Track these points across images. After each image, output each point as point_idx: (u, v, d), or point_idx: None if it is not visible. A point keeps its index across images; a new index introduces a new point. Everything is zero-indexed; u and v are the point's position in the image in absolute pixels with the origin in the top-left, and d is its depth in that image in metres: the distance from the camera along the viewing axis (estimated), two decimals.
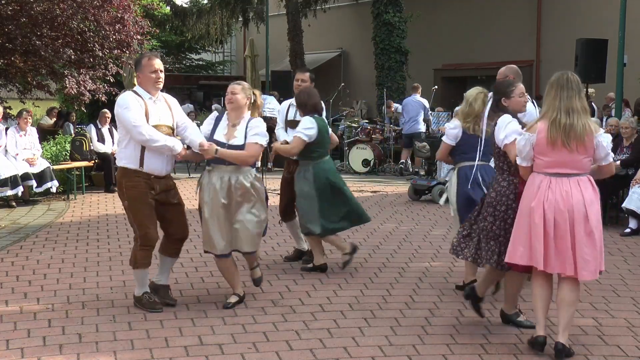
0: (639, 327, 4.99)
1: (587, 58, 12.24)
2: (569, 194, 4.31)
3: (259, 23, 24.66)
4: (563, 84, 4.37)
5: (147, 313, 5.14)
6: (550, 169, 4.37)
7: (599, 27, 17.10)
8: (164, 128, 5.15)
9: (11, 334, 4.73)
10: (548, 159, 4.36)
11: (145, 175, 5.11)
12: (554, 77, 4.44)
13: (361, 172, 14.92)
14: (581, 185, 4.34)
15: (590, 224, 4.31)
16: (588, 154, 4.35)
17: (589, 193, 4.35)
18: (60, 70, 12.92)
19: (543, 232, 4.33)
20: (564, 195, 4.31)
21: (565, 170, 4.35)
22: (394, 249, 7.46)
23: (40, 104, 16.40)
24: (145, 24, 13.84)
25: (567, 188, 4.32)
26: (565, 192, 4.31)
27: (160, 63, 5.22)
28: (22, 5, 11.86)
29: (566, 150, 4.30)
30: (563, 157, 4.32)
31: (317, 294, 5.76)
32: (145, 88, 5.18)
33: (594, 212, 4.34)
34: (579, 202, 4.30)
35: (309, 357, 4.41)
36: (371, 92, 21.52)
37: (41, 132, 12.13)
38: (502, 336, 4.79)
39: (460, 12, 22.55)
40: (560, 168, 4.35)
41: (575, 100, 4.33)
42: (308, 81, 6.79)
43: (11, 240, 7.79)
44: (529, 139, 4.38)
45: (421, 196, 11.10)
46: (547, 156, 4.36)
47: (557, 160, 4.34)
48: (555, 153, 4.32)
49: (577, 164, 4.35)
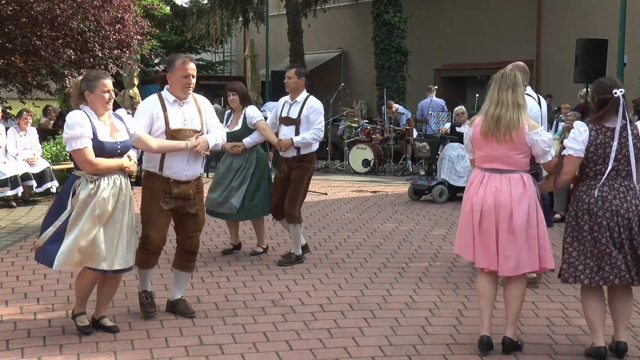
0: (639, 327, 4.99)
1: (587, 58, 12.23)
2: (498, 190, 4.39)
3: (259, 23, 24.64)
4: (498, 79, 4.49)
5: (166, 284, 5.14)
6: (485, 164, 4.49)
7: (599, 27, 17.10)
8: (188, 132, 4.99)
9: (11, 334, 4.73)
10: (482, 153, 4.48)
11: (164, 179, 5.00)
12: (495, 75, 4.56)
13: (361, 172, 14.92)
14: (512, 183, 4.40)
15: (514, 222, 4.36)
16: (520, 150, 4.40)
17: (518, 191, 4.38)
18: (61, 70, 12.92)
19: (471, 226, 4.47)
20: (493, 191, 4.40)
21: (498, 166, 4.43)
22: (394, 249, 7.46)
23: (40, 104, 16.40)
24: (145, 24, 13.82)
25: (498, 184, 4.40)
26: (495, 188, 4.40)
27: (194, 68, 5.03)
28: (22, 5, 11.85)
29: (495, 143, 4.38)
30: (494, 151, 4.41)
31: (317, 294, 5.76)
32: (172, 91, 5.04)
33: (520, 211, 4.37)
34: (507, 198, 4.37)
35: (309, 357, 4.41)
36: (371, 92, 21.50)
37: (41, 132, 12.11)
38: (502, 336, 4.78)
39: (460, 12, 22.54)
40: (493, 163, 4.44)
41: (507, 94, 4.41)
42: (294, 77, 6.75)
43: (11, 240, 7.79)
44: (468, 132, 4.60)
45: (421, 196, 11.10)
46: (481, 150, 4.49)
47: (490, 155, 4.44)
48: (487, 146, 4.43)
49: (508, 159, 4.41)
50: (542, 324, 5.05)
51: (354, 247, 7.51)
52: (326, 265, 6.75)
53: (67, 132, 4.53)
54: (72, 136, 4.50)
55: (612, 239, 4.25)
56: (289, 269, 6.58)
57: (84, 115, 4.57)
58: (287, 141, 6.70)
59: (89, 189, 4.54)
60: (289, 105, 6.82)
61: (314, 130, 6.69)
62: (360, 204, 10.66)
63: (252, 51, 21.02)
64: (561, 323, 5.11)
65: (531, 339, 4.75)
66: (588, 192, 4.34)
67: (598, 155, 4.30)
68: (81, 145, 4.50)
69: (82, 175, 4.59)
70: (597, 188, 4.31)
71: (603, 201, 4.27)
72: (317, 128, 6.72)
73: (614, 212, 4.25)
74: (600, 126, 4.32)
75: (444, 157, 11.29)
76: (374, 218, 9.40)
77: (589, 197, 4.32)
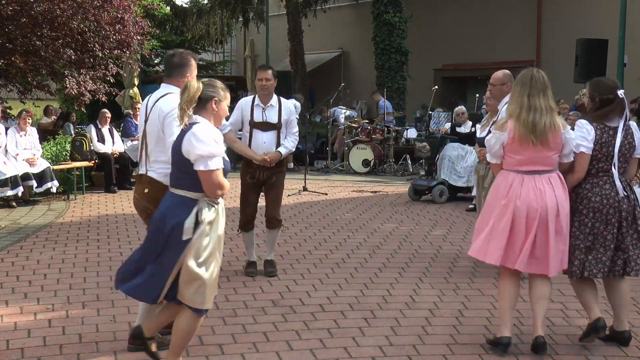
0: (639, 327, 4.99)
1: (587, 58, 12.23)
2: (542, 192, 4.35)
3: (259, 23, 24.64)
4: (527, 82, 4.40)
5: None
6: (523, 167, 4.41)
7: (599, 27, 17.11)
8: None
9: (11, 334, 4.73)
10: (520, 157, 4.40)
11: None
12: (520, 75, 4.47)
13: (361, 172, 14.92)
14: (552, 182, 4.39)
15: (560, 221, 4.37)
16: (556, 149, 4.40)
17: (560, 190, 4.40)
18: (61, 70, 12.91)
19: (509, 230, 4.36)
20: (538, 193, 4.35)
21: (537, 168, 4.39)
22: (394, 249, 7.46)
23: (41, 104, 16.38)
24: (145, 24, 13.83)
25: (540, 186, 4.36)
26: (539, 190, 4.35)
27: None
28: (22, 6, 11.85)
29: (533, 148, 4.35)
30: (531, 154, 4.36)
31: (317, 294, 5.76)
32: None
33: (565, 210, 4.39)
34: (552, 199, 4.35)
35: (309, 357, 4.41)
36: (371, 92, 21.51)
37: (41, 132, 12.12)
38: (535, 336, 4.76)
39: (460, 12, 22.55)
40: (531, 165, 4.39)
41: (539, 99, 4.36)
42: (272, 79, 6.22)
43: (11, 240, 7.79)
44: (500, 137, 4.43)
45: (421, 196, 11.10)
46: (518, 154, 4.40)
47: (529, 158, 4.38)
48: (524, 151, 4.37)
49: (546, 160, 4.39)
50: None
51: (354, 247, 7.51)
52: (326, 265, 6.75)
53: (202, 148, 3.79)
54: (211, 154, 3.80)
55: (612, 234, 4.41)
56: (289, 269, 6.58)
57: (217, 130, 3.97)
58: (276, 155, 6.16)
59: (212, 216, 3.90)
60: (261, 108, 6.23)
61: (293, 137, 6.30)
62: (360, 204, 10.66)
63: (252, 51, 21.05)
64: (561, 323, 5.11)
65: (531, 339, 4.74)
66: (593, 190, 4.44)
67: (602, 154, 4.43)
68: (218, 165, 3.84)
69: (200, 198, 3.86)
70: (601, 186, 4.45)
71: (608, 198, 4.42)
72: (294, 133, 6.32)
73: (616, 209, 4.42)
74: (604, 125, 4.46)
75: (444, 157, 11.28)
76: (374, 218, 9.40)
77: (594, 194, 4.44)
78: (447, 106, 17.85)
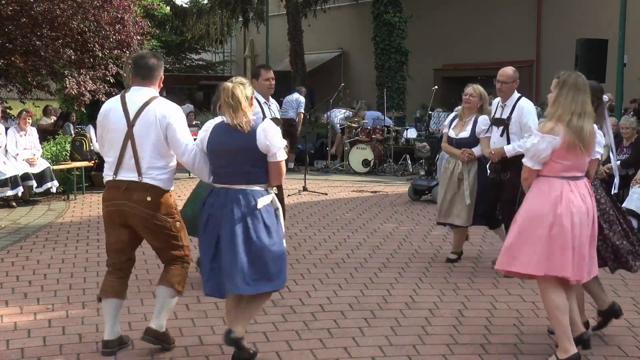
0: (639, 327, 4.99)
1: (587, 58, 12.24)
2: (585, 196, 4.30)
3: (259, 23, 24.64)
4: (580, 87, 4.26)
5: (146, 313, 5.13)
6: (567, 173, 4.27)
7: (599, 27, 17.11)
8: None
9: (11, 334, 4.73)
10: (567, 163, 4.25)
11: None
12: (567, 78, 4.30)
13: (361, 172, 14.92)
14: (588, 187, 4.37)
15: (595, 227, 4.38)
16: (590, 155, 4.40)
17: (594, 195, 4.43)
18: (61, 70, 12.91)
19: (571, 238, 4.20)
20: (582, 198, 4.28)
21: (577, 173, 4.32)
22: (394, 249, 7.46)
23: (40, 104, 16.38)
24: (145, 24, 13.83)
25: (583, 191, 4.31)
26: (583, 195, 4.29)
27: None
28: (22, 6, 11.85)
29: (579, 154, 4.26)
30: (577, 159, 4.28)
31: (317, 294, 5.76)
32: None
33: (595, 216, 4.41)
34: (591, 205, 4.34)
35: (309, 357, 4.41)
36: (371, 92, 21.52)
37: (40, 132, 12.12)
38: (502, 336, 4.79)
39: (460, 12, 22.56)
40: (575, 171, 4.30)
41: (588, 105, 4.29)
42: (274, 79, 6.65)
43: (11, 240, 7.80)
44: (552, 141, 4.20)
45: (421, 196, 11.10)
46: (565, 160, 4.24)
47: (574, 164, 4.28)
48: (572, 156, 4.24)
49: (583, 166, 4.37)
50: (542, 324, 5.05)
51: (354, 247, 7.51)
52: (326, 265, 6.76)
53: (276, 141, 4.18)
54: (282, 146, 4.23)
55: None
56: (289, 269, 6.55)
57: None
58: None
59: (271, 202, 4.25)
60: (268, 106, 6.62)
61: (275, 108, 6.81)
62: (360, 204, 10.66)
63: (252, 51, 21.04)
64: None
65: (531, 339, 4.75)
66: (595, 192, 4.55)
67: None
68: (285, 155, 4.28)
69: (263, 188, 4.22)
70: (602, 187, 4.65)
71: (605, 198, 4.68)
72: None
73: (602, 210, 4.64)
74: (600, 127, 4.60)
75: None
76: (374, 218, 9.41)
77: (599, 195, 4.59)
78: (447, 106, 17.83)
